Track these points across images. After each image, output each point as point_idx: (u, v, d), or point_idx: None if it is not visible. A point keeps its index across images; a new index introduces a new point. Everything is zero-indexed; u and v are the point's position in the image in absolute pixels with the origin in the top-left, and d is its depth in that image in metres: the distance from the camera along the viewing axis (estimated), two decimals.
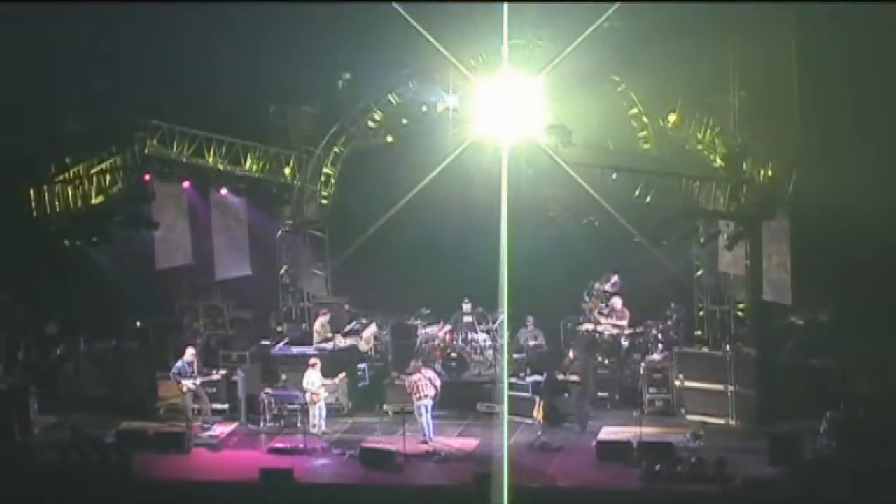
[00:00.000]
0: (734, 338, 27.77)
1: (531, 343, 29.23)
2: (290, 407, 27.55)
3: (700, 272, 29.10)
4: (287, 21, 29.34)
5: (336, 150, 30.25)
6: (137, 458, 25.79)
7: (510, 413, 27.45)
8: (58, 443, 26.59)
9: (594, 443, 25.70)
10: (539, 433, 26.43)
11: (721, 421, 26.77)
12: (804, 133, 26.64)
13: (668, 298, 29.22)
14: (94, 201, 28.08)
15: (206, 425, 27.72)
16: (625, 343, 28.63)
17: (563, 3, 28.35)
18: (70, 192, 28.03)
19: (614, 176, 26.81)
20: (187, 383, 27.56)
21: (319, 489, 24.94)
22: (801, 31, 27.01)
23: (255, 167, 29.79)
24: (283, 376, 28.72)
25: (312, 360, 27.60)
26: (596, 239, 28.02)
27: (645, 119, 28.28)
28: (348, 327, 30.12)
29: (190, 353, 27.90)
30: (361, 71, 29.73)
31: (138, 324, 30.81)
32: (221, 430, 27.72)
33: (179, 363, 27.72)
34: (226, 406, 28.46)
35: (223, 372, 28.42)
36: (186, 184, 29.56)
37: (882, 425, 24.12)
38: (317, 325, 29.75)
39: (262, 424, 27.72)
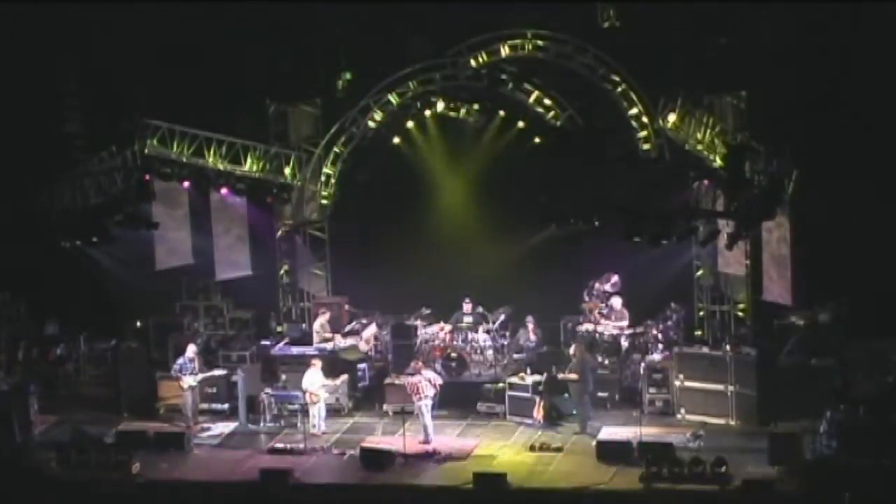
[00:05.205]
0: (734, 338, 27.76)
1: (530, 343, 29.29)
2: (290, 407, 27.51)
3: (700, 272, 29.11)
4: (287, 20, 29.35)
5: (336, 150, 30.23)
6: (137, 458, 25.77)
7: (510, 413, 27.52)
8: (58, 443, 26.56)
9: (594, 443, 25.68)
10: (539, 433, 26.43)
11: (721, 421, 26.75)
12: (804, 132, 26.63)
13: (668, 298, 29.21)
14: (93, 201, 28.08)
15: (205, 425, 27.77)
16: (625, 343, 28.60)
17: (562, 3, 28.45)
18: (70, 192, 28.04)
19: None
20: (189, 380, 27.58)
21: (319, 489, 24.94)
22: (801, 30, 27.07)
23: (255, 167, 29.77)
24: (283, 376, 28.69)
25: (313, 360, 27.61)
26: (596, 239, 27.98)
27: (645, 119, 28.29)
28: (348, 327, 30.11)
29: (192, 349, 27.93)
30: (361, 71, 29.74)
31: (138, 324, 30.85)
32: (221, 430, 27.75)
33: (181, 359, 27.73)
34: (226, 406, 28.50)
35: (224, 372, 28.48)
36: (186, 184, 29.55)
37: (882, 425, 24.09)
38: (317, 325, 29.75)
39: (262, 424, 27.71)
